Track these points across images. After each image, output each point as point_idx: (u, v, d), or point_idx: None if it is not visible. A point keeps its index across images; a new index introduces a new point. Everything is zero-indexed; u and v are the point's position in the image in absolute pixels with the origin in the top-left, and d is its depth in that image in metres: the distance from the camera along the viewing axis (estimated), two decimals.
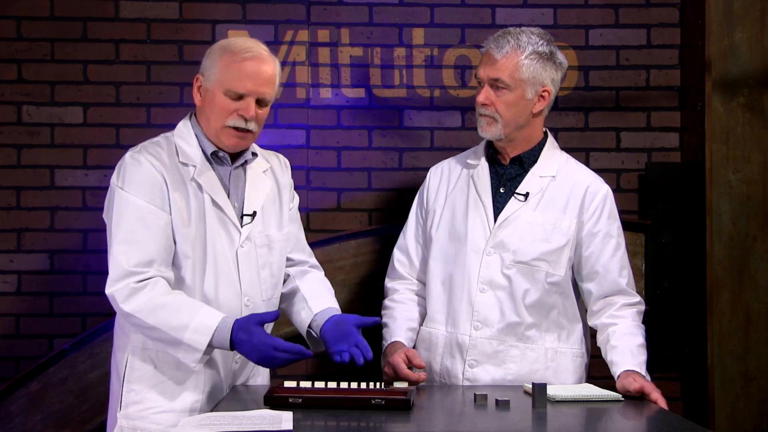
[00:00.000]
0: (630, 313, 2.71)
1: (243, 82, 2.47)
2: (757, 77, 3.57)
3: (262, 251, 2.58)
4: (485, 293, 2.70)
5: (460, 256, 2.74)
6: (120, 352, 2.54)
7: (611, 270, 2.72)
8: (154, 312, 2.37)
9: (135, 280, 2.38)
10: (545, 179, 2.75)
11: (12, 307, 3.41)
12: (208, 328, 2.37)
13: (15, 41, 3.43)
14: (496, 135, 2.73)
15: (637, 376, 2.49)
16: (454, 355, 2.73)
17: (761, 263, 3.57)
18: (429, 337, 2.80)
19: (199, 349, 2.37)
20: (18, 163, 3.43)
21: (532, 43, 2.69)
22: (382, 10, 3.53)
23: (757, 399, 3.55)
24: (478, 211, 2.75)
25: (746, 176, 3.57)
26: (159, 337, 2.40)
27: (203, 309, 2.41)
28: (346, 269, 3.44)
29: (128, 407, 2.49)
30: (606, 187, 2.79)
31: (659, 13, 3.56)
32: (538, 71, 2.69)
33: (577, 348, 2.76)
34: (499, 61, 2.68)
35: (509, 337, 2.70)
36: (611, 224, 2.75)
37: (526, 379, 2.67)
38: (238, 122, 2.49)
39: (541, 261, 2.70)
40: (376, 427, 2.07)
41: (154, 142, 2.56)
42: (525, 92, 2.70)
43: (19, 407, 3.25)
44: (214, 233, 2.50)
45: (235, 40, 2.57)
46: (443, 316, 2.76)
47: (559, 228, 2.71)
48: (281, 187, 2.68)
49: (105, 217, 2.51)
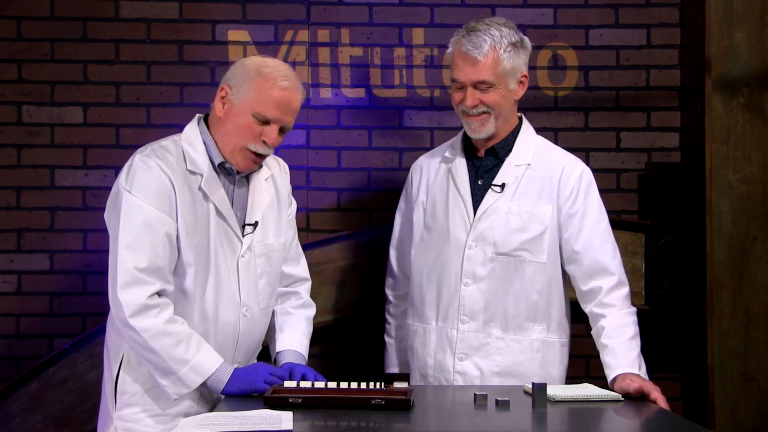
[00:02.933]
0: (617, 298, 2.65)
1: (273, 109, 2.46)
2: (757, 77, 3.57)
3: (261, 261, 2.57)
4: (469, 287, 2.71)
5: (444, 251, 2.76)
6: (113, 353, 2.52)
7: (591, 247, 2.68)
8: (159, 337, 2.36)
9: (146, 294, 2.37)
10: (521, 167, 2.74)
11: (12, 307, 3.41)
12: (206, 370, 2.39)
13: (15, 41, 3.43)
14: (490, 131, 2.72)
15: (634, 377, 2.48)
16: (445, 349, 2.75)
17: (761, 263, 3.57)
18: (423, 332, 2.81)
19: (189, 387, 2.39)
20: (18, 163, 3.43)
21: (505, 35, 2.68)
22: (382, 10, 3.53)
23: (757, 399, 3.55)
24: (458, 206, 2.75)
25: (746, 176, 3.58)
26: (152, 360, 2.39)
27: (204, 348, 2.41)
28: (346, 269, 3.44)
29: (122, 409, 2.48)
30: (582, 167, 2.76)
31: (659, 13, 3.56)
32: (516, 61, 2.70)
33: (565, 338, 2.77)
34: (481, 62, 2.66)
35: (494, 330, 2.71)
36: (588, 202, 2.72)
37: (512, 370, 2.69)
38: (259, 148, 2.48)
39: (521, 251, 2.70)
40: (376, 427, 2.07)
41: (162, 146, 2.51)
42: (508, 84, 2.70)
43: (19, 407, 3.25)
44: (217, 243, 2.49)
45: (272, 64, 2.52)
46: (433, 311, 2.77)
47: (535, 215, 2.70)
48: (281, 194, 2.68)
49: (107, 218, 2.49)
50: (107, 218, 2.49)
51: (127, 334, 2.40)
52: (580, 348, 3.30)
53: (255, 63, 2.51)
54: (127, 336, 2.40)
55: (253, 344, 2.61)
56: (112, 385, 2.50)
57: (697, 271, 3.44)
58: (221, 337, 2.50)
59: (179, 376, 2.38)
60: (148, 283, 2.37)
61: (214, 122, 2.53)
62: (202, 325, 2.47)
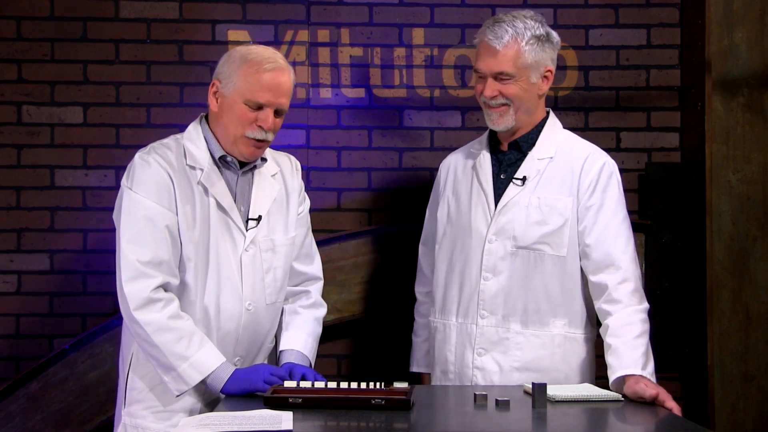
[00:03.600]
0: (624, 294, 2.58)
1: (263, 93, 2.48)
2: (757, 77, 3.57)
3: (267, 255, 2.58)
4: (489, 281, 2.69)
5: (465, 245, 2.74)
6: (126, 350, 2.56)
7: (603, 240, 2.63)
8: (161, 332, 2.39)
9: (150, 287, 2.39)
10: (543, 161, 2.72)
11: (12, 307, 3.41)
12: (206, 368, 2.40)
13: (15, 41, 3.43)
14: (509, 124, 2.70)
15: (648, 382, 2.43)
16: (465, 345, 2.72)
17: (761, 263, 3.57)
18: (443, 329, 2.79)
19: (189, 384, 2.41)
20: (18, 163, 3.43)
21: (529, 28, 2.67)
22: (382, 10, 3.53)
23: (757, 399, 3.55)
24: (480, 200, 2.74)
25: (746, 176, 3.58)
26: (154, 355, 2.41)
27: (206, 346, 2.43)
28: (346, 269, 3.44)
29: (131, 405, 2.52)
30: (605, 159, 2.72)
31: (659, 13, 3.56)
32: (539, 54, 2.67)
33: (589, 332, 2.72)
34: (501, 52, 2.65)
35: (514, 324, 2.68)
36: (606, 196, 2.67)
37: (532, 366, 2.65)
38: (257, 134, 2.50)
39: (542, 244, 2.67)
40: (376, 427, 2.07)
41: (163, 144, 2.56)
42: (530, 77, 2.67)
43: (19, 407, 3.25)
44: (218, 237, 2.50)
45: (255, 50, 2.54)
46: (455, 306, 2.75)
47: (556, 208, 2.67)
48: (289, 191, 2.69)
49: (114, 217, 2.53)
50: (114, 218, 2.53)
51: (132, 329, 2.43)
52: None
53: (239, 52, 2.54)
54: (133, 330, 2.43)
55: (258, 339, 2.61)
56: (124, 382, 2.54)
57: (697, 271, 3.44)
58: (223, 331, 2.52)
59: (179, 373, 2.39)
60: (152, 276, 2.40)
61: (212, 118, 2.57)
62: (204, 318, 2.50)
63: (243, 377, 2.41)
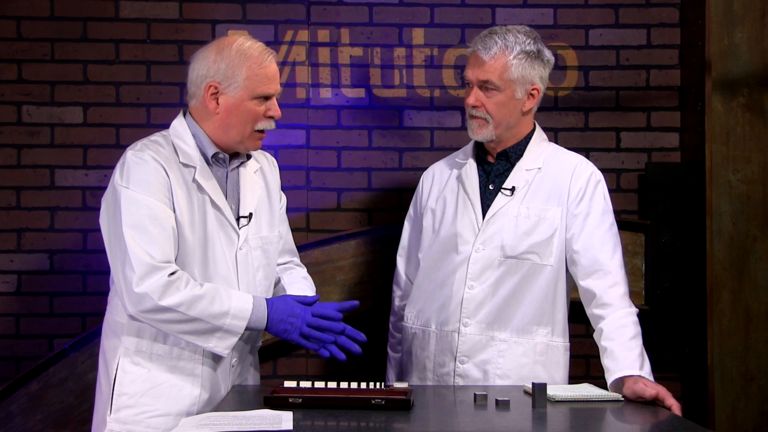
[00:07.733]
0: (615, 298, 2.60)
1: (272, 84, 2.50)
2: (757, 77, 3.57)
3: (257, 253, 2.58)
4: (474, 289, 2.70)
5: (451, 254, 2.75)
6: (110, 354, 2.50)
7: (590, 246, 2.65)
8: (195, 303, 2.37)
9: (165, 275, 2.36)
10: (531, 172, 2.74)
11: (12, 307, 3.41)
12: (245, 312, 2.41)
13: (15, 41, 3.44)
14: (488, 137, 2.73)
15: (647, 381, 2.43)
16: (445, 353, 2.73)
17: (761, 263, 3.57)
18: (422, 335, 2.79)
19: (237, 333, 2.41)
20: (18, 163, 3.43)
21: (519, 42, 2.68)
22: (382, 10, 3.53)
23: (757, 399, 3.55)
24: (467, 210, 2.75)
25: (746, 176, 3.58)
26: (193, 329, 2.38)
27: (233, 293, 2.43)
28: (346, 269, 3.44)
29: (120, 411, 2.45)
30: (592, 169, 2.75)
31: (659, 13, 3.56)
32: (527, 70, 2.69)
33: (568, 341, 2.76)
34: (488, 63, 2.68)
35: (497, 333, 2.69)
36: (593, 204, 2.69)
37: (514, 374, 2.67)
38: (267, 124, 2.52)
39: (530, 253, 2.69)
40: (376, 427, 2.07)
41: (153, 140, 2.52)
42: (515, 92, 2.70)
43: (19, 407, 3.25)
44: (214, 235, 2.49)
45: (246, 42, 2.51)
46: (434, 313, 2.76)
47: (544, 219, 2.69)
48: (270, 187, 2.68)
49: (102, 219, 2.47)
50: (102, 220, 2.47)
51: (159, 319, 2.37)
52: (581, 348, 3.30)
53: (234, 50, 2.48)
54: (160, 320, 2.37)
55: (251, 337, 2.61)
56: (110, 387, 2.48)
57: (697, 271, 3.44)
58: None
59: (225, 329, 2.39)
60: (164, 267, 2.37)
61: (204, 116, 2.52)
62: None
63: (282, 327, 2.44)
